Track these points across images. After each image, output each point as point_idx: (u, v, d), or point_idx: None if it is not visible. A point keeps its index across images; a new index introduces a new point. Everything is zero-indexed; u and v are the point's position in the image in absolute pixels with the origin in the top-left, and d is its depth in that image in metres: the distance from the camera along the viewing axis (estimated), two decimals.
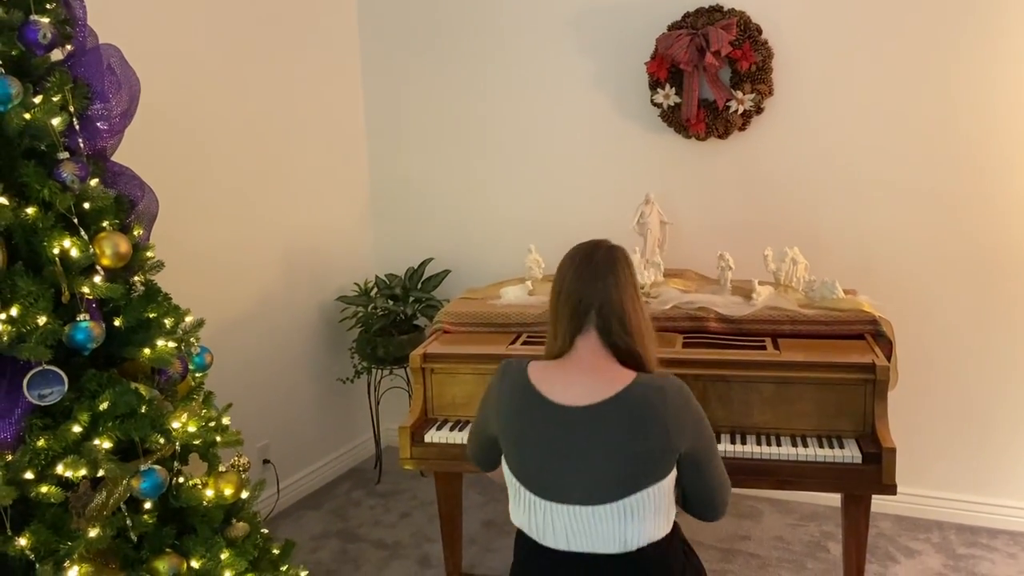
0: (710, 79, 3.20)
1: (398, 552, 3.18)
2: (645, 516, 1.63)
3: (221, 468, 1.93)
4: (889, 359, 2.42)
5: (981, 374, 3.12)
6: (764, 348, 2.46)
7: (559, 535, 1.67)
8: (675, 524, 1.77)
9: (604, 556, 1.66)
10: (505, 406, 1.75)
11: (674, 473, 1.68)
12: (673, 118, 3.33)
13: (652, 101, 3.35)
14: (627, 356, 1.73)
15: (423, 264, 3.87)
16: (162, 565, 1.73)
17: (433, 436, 2.51)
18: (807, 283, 2.75)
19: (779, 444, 2.30)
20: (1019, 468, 3.12)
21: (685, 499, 1.80)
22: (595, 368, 1.71)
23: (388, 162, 4.05)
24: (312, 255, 3.72)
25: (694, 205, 3.39)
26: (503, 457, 1.78)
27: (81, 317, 1.68)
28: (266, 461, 3.42)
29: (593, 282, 1.74)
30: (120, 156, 2.01)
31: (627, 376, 1.68)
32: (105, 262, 1.73)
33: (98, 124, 1.83)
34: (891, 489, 2.21)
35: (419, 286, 3.80)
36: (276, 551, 2.09)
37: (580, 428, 1.64)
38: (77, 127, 1.77)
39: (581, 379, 1.69)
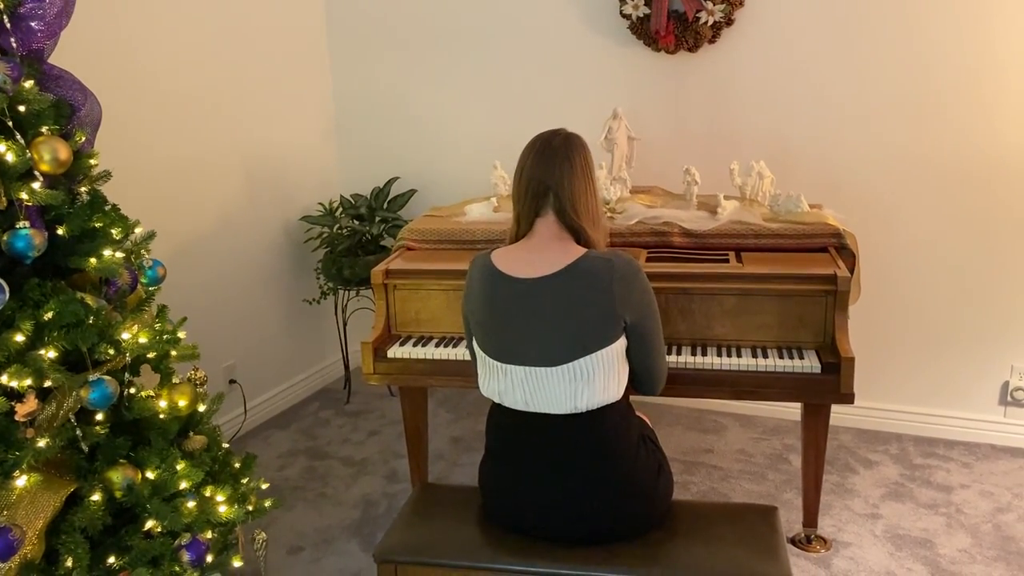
0: None
1: (366, 468, 3.20)
2: (593, 379, 1.77)
3: (175, 380, 1.90)
4: (852, 272, 2.41)
5: (941, 290, 3.14)
6: (727, 262, 2.45)
7: (518, 397, 1.83)
8: (632, 409, 1.93)
9: (558, 416, 1.80)
10: (474, 291, 1.90)
11: (623, 341, 1.82)
12: (642, 30, 3.25)
13: (621, 12, 3.26)
14: (580, 237, 1.88)
15: (389, 183, 3.80)
16: (116, 475, 1.72)
17: (396, 351, 2.50)
18: (772, 197, 2.72)
19: (739, 355, 2.31)
20: (976, 382, 3.17)
21: (631, 374, 1.93)
22: (550, 246, 1.86)
23: (352, 79, 3.93)
24: (274, 173, 3.64)
25: (663, 120, 3.34)
26: (473, 338, 1.94)
27: (21, 224, 1.62)
28: (232, 381, 3.40)
29: (551, 167, 1.88)
30: (66, 61, 1.92)
31: (579, 251, 1.83)
32: (44, 168, 1.67)
33: (32, 24, 1.74)
34: (849, 398, 2.23)
35: (385, 206, 3.74)
36: (237, 464, 2.09)
37: (535, 296, 1.80)
38: (8, 26, 1.69)
39: (538, 255, 1.84)
